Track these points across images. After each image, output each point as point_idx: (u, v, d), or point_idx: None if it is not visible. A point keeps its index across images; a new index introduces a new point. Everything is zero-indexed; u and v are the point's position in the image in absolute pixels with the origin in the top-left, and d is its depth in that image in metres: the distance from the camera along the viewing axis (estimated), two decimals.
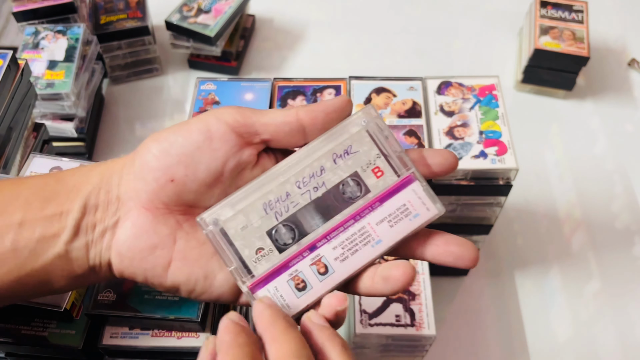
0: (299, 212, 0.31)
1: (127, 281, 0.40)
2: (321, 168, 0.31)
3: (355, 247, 0.31)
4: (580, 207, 0.73)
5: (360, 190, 0.32)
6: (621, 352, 0.62)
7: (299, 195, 0.31)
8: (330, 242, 0.31)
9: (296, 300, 0.31)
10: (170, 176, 0.31)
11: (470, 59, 0.90)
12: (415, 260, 0.54)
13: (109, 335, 0.40)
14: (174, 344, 0.40)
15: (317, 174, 0.31)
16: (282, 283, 0.31)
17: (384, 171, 0.32)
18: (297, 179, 0.31)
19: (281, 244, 0.31)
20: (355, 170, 0.32)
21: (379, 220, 0.31)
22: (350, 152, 0.32)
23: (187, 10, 0.81)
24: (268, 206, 0.31)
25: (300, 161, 0.31)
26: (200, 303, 0.39)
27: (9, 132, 0.55)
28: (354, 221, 0.31)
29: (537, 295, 0.66)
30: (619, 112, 0.82)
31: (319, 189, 0.31)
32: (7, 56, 0.54)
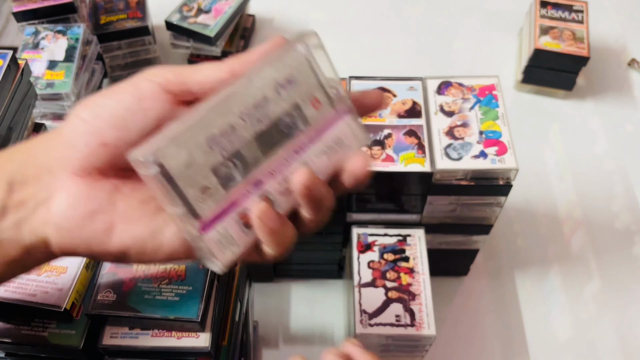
0: (244, 147, 0.29)
1: (127, 281, 0.40)
2: (264, 98, 0.30)
3: None
4: (580, 207, 0.73)
5: (301, 123, 0.31)
6: (621, 352, 0.62)
7: (243, 129, 0.29)
8: (275, 177, 0.30)
9: (244, 237, 0.30)
10: (101, 140, 0.30)
11: (470, 59, 0.90)
12: (415, 261, 0.54)
13: (109, 335, 0.40)
14: (174, 344, 0.40)
15: (260, 104, 0.30)
16: (231, 223, 0.29)
17: (321, 102, 0.31)
18: (241, 110, 0.29)
19: (227, 181, 0.29)
20: (297, 102, 0.30)
21: (319, 152, 0.31)
22: (292, 81, 0.30)
23: (187, 10, 0.81)
24: (212, 141, 0.28)
25: (243, 90, 0.29)
26: (200, 303, 0.39)
27: (9, 132, 0.55)
28: (297, 154, 0.30)
29: (537, 296, 0.66)
30: (619, 112, 0.82)
31: (262, 122, 0.30)
32: (7, 56, 0.54)
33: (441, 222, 0.57)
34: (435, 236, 0.59)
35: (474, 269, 0.67)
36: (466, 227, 0.58)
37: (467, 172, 0.51)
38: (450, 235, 0.59)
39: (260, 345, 0.60)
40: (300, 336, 0.62)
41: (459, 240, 0.60)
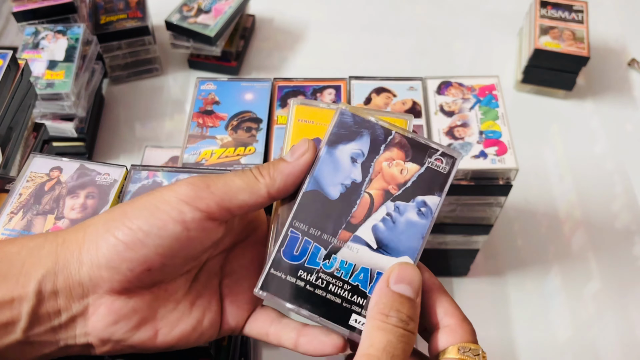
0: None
1: None
2: None
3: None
4: (580, 207, 0.73)
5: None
6: (621, 352, 0.62)
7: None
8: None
9: None
10: (147, 266, 0.30)
11: (470, 59, 0.90)
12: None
13: None
14: None
15: None
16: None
17: None
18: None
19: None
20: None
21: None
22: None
23: (187, 10, 0.81)
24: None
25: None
26: None
27: (9, 132, 0.55)
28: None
29: (537, 295, 0.66)
30: (619, 112, 0.82)
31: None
32: (7, 56, 0.54)
33: (441, 222, 0.57)
34: (435, 236, 0.59)
35: (474, 269, 0.67)
36: (466, 227, 0.58)
37: (467, 172, 0.51)
38: (450, 235, 0.59)
39: (260, 345, 0.60)
40: None
41: (459, 240, 0.60)
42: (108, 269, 0.30)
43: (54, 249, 0.30)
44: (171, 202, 0.30)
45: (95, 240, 0.30)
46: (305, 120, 0.36)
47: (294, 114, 0.36)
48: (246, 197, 0.31)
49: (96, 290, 0.30)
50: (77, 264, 0.30)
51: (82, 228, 0.31)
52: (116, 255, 0.30)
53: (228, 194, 0.31)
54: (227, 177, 0.31)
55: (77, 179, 0.42)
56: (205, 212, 0.30)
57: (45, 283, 0.30)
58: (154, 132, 0.80)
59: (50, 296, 0.30)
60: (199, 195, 0.30)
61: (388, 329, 0.29)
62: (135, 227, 0.29)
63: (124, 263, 0.30)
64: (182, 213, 0.30)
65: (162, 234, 0.30)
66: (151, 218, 0.30)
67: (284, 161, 0.32)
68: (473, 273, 0.67)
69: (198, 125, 0.51)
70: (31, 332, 0.30)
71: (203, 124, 0.51)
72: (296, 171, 0.32)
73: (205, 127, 0.51)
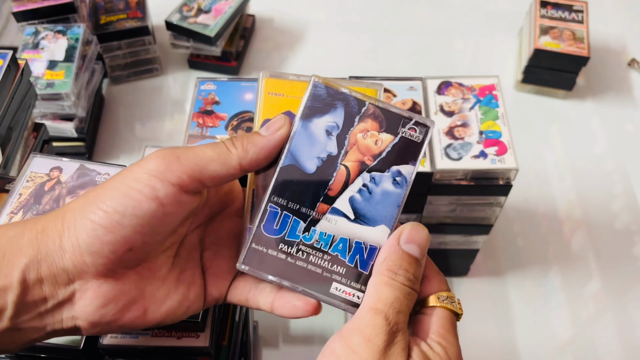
0: None
1: None
2: None
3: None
4: (580, 207, 0.73)
5: None
6: (621, 352, 0.62)
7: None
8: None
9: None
10: (128, 246, 0.30)
11: (470, 59, 0.90)
12: None
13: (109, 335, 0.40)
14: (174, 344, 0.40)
15: None
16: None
17: None
18: None
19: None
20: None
21: None
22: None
23: (187, 10, 0.81)
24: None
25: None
26: None
27: (9, 132, 0.55)
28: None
29: (537, 295, 0.66)
30: (619, 112, 0.82)
31: None
32: (7, 56, 0.54)
33: (441, 222, 0.57)
34: (435, 236, 0.59)
35: (474, 269, 0.67)
36: (466, 227, 0.58)
37: (467, 172, 0.51)
38: (450, 235, 0.59)
39: (260, 345, 0.60)
40: (300, 336, 0.62)
41: (459, 240, 0.60)
42: (90, 254, 0.30)
43: (34, 237, 0.30)
44: (142, 179, 0.30)
45: (74, 226, 0.30)
46: (274, 94, 0.36)
47: (264, 86, 0.36)
48: (217, 168, 0.31)
49: (82, 276, 0.30)
50: (60, 251, 0.30)
51: (60, 214, 0.31)
52: (96, 239, 0.30)
53: (199, 164, 0.31)
54: (198, 148, 0.31)
55: (77, 179, 0.42)
56: (178, 185, 0.30)
57: (29, 272, 0.30)
58: (154, 132, 0.80)
59: (35, 284, 0.30)
60: (169, 169, 0.30)
61: (396, 286, 0.31)
62: (111, 209, 0.29)
63: (105, 246, 0.30)
64: (155, 189, 0.30)
65: (138, 213, 0.30)
66: (124, 198, 0.30)
67: (258, 134, 0.33)
68: (473, 273, 0.67)
69: (198, 125, 0.51)
70: (18, 320, 0.30)
71: (203, 124, 0.51)
72: (270, 145, 0.32)
73: (205, 127, 0.51)
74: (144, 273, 0.32)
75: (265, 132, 0.33)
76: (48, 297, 0.30)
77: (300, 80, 0.36)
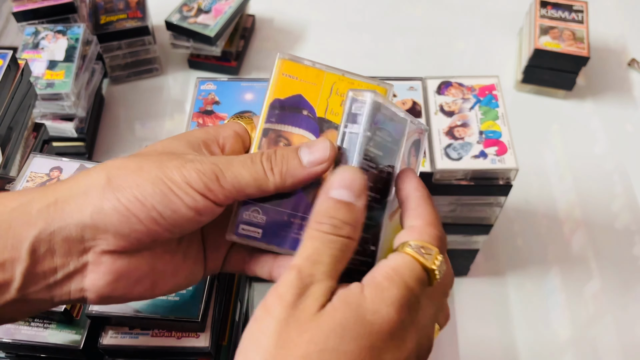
0: None
1: None
2: None
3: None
4: (580, 207, 0.73)
5: None
6: (621, 352, 0.62)
7: None
8: None
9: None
10: (154, 238, 0.31)
11: (470, 59, 0.90)
12: None
13: (109, 335, 0.40)
14: (174, 344, 0.40)
15: None
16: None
17: None
18: None
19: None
20: None
21: None
22: None
23: (187, 10, 0.81)
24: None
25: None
26: (200, 303, 0.39)
27: (9, 132, 0.55)
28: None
29: (537, 296, 0.66)
30: (619, 112, 0.82)
31: None
32: (7, 56, 0.54)
33: (441, 222, 0.57)
34: None
35: (474, 269, 0.67)
36: (466, 227, 0.58)
37: (467, 172, 0.51)
38: (450, 235, 0.59)
39: None
40: None
41: (459, 240, 0.60)
42: (115, 236, 0.30)
43: (45, 209, 0.30)
44: (182, 187, 0.30)
45: (101, 206, 0.29)
46: (289, 75, 0.36)
47: (279, 67, 0.36)
48: (253, 192, 0.32)
49: (96, 249, 0.30)
50: (80, 226, 0.30)
51: (78, 188, 0.30)
52: (126, 225, 0.30)
53: (236, 187, 0.31)
54: (235, 168, 0.31)
55: None
56: (215, 202, 0.31)
57: (40, 244, 0.29)
58: (153, 132, 0.80)
59: (45, 255, 0.30)
60: (208, 187, 0.30)
61: (316, 236, 0.29)
62: (149, 204, 0.30)
63: (133, 233, 0.30)
64: (195, 201, 0.30)
65: (176, 217, 0.30)
66: (165, 199, 0.30)
67: (299, 164, 0.32)
68: (473, 273, 0.67)
69: (198, 125, 0.51)
70: (26, 291, 0.30)
71: (203, 123, 0.51)
72: (309, 179, 0.32)
73: (205, 127, 0.51)
74: (157, 250, 0.32)
75: (306, 161, 0.32)
76: (59, 267, 0.30)
77: (315, 67, 0.36)
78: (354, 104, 0.32)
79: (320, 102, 0.36)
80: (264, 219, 0.34)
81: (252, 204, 0.34)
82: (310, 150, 0.32)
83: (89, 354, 0.41)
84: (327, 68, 0.36)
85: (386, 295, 0.27)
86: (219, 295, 0.43)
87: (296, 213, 0.34)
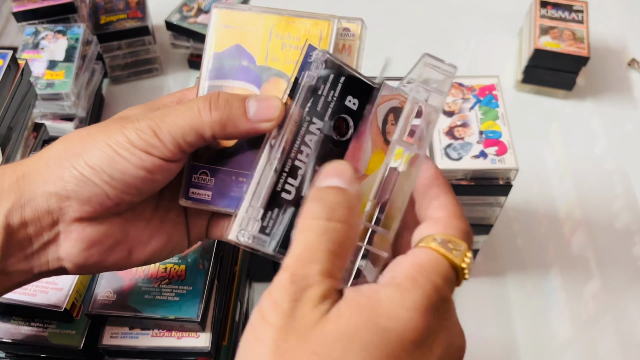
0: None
1: (127, 281, 0.40)
2: None
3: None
4: (580, 207, 0.73)
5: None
6: (621, 352, 0.62)
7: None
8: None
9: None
10: (115, 202, 0.31)
11: (470, 59, 0.90)
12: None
13: (109, 335, 0.40)
14: (174, 344, 0.40)
15: None
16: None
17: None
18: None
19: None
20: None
21: None
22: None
23: (187, 10, 0.81)
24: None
25: None
26: (200, 303, 0.39)
27: (9, 132, 0.55)
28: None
29: (537, 296, 0.66)
30: (619, 112, 0.82)
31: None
32: (7, 56, 0.54)
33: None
34: None
35: (474, 269, 0.66)
36: None
37: (467, 172, 0.51)
38: None
39: None
40: None
41: None
42: (77, 201, 0.30)
43: (15, 183, 0.31)
44: (125, 147, 0.30)
45: (61, 174, 0.30)
46: (226, 26, 0.35)
47: (215, 18, 0.35)
48: (193, 139, 0.31)
49: (66, 218, 0.31)
50: (45, 195, 0.30)
51: (41, 160, 0.31)
52: (86, 191, 0.30)
53: (175, 137, 0.31)
54: (170, 118, 0.31)
55: None
56: (162, 158, 0.31)
57: (12, 216, 0.30)
58: None
59: (19, 227, 0.30)
60: (150, 143, 0.30)
61: (307, 225, 0.25)
62: (98, 167, 0.30)
63: (93, 197, 0.30)
64: (141, 160, 0.30)
65: (127, 178, 0.30)
66: (112, 162, 0.30)
67: (243, 113, 0.31)
68: (473, 273, 0.67)
69: None
70: (5, 263, 0.30)
71: None
72: (251, 134, 0.31)
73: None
74: (128, 216, 0.33)
75: (252, 114, 0.31)
76: (33, 238, 0.31)
77: (252, 12, 0.34)
78: (311, 52, 0.31)
79: (260, 49, 0.34)
80: (213, 180, 0.33)
81: (200, 167, 0.33)
82: (259, 105, 0.31)
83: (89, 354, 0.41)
84: (264, 10, 0.34)
85: (408, 298, 0.24)
86: (219, 295, 0.43)
87: (244, 172, 0.33)
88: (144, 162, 0.30)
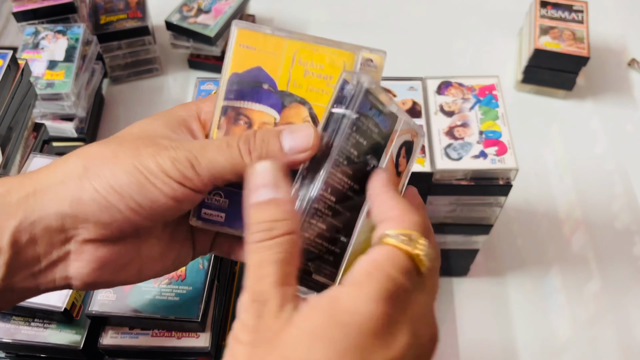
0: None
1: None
2: None
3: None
4: (580, 207, 0.73)
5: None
6: (621, 352, 0.62)
7: None
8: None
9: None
10: (136, 227, 0.30)
11: (470, 59, 0.90)
12: None
13: (109, 335, 0.40)
14: (174, 344, 0.40)
15: None
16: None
17: None
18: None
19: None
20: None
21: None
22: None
23: (187, 10, 0.81)
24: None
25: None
26: (200, 303, 0.39)
27: (9, 132, 0.55)
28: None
29: (537, 296, 0.66)
30: (619, 112, 0.82)
31: None
32: (7, 56, 0.54)
33: (441, 222, 0.57)
34: (436, 236, 0.59)
35: (474, 269, 0.66)
36: (466, 227, 0.58)
37: (467, 172, 0.51)
38: (450, 236, 0.59)
39: None
40: None
41: (459, 240, 0.60)
42: (96, 225, 0.30)
43: (24, 198, 0.29)
44: (158, 176, 0.29)
45: (79, 197, 0.29)
46: (247, 46, 0.34)
47: (236, 38, 0.34)
48: (231, 177, 0.31)
49: (78, 239, 0.30)
50: (59, 215, 0.29)
51: (55, 176, 0.30)
52: (107, 215, 0.29)
53: (213, 174, 0.30)
54: (210, 153, 0.30)
55: None
56: (193, 189, 0.30)
57: (21, 234, 0.29)
58: None
59: (27, 245, 0.29)
60: (184, 175, 0.30)
61: (254, 248, 0.27)
62: (127, 195, 0.29)
63: (114, 223, 0.30)
64: (173, 190, 0.30)
65: (155, 206, 0.30)
66: (143, 189, 0.29)
67: (280, 149, 0.30)
68: (473, 273, 0.67)
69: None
70: (11, 280, 0.29)
71: None
72: (288, 167, 0.30)
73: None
74: (142, 235, 0.32)
75: (288, 147, 0.30)
76: (41, 256, 0.30)
77: (274, 34, 0.33)
78: (345, 85, 0.30)
79: (281, 73, 0.33)
80: (227, 202, 0.33)
81: (214, 188, 0.33)
82: (293, 136, 0.30)
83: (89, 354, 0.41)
84: (288, 35, 0.33)
85: (365, 291, 0.25)
86: (219, 295, 0.43)
87: None
88: (175, 192, 0.30)
